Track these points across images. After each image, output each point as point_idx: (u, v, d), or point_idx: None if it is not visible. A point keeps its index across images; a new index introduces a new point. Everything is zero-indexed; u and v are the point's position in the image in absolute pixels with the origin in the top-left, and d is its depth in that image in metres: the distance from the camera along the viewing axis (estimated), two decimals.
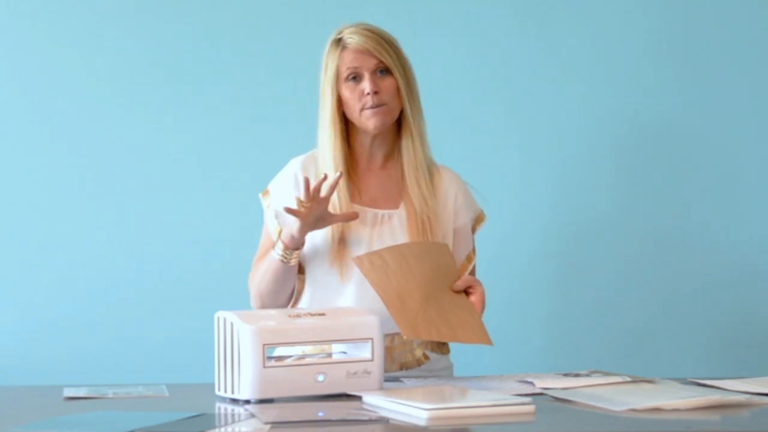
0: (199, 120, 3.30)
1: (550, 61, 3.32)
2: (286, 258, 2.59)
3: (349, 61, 2.63)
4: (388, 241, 2.63)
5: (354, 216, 2.58)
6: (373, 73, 2.63)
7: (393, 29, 2.71)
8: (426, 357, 2.67)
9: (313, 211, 2.51)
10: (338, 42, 2.65)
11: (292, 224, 2.55)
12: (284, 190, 2.69)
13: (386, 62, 2.63)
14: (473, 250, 2.76)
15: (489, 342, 2.48)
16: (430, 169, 2.71)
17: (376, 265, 2.44)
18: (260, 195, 2.73)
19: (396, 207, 2.67)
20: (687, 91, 3.33)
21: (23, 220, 3.27)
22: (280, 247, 2.59)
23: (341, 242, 2.63)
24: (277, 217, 2.68)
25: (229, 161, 3.28)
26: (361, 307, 2.51)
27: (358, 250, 2.62)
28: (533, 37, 3.32)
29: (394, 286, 2.43)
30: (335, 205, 2.62)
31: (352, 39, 2.63)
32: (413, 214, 2.65)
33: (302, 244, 2.59)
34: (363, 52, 2.63)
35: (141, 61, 3.29)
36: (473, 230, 2.76)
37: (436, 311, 2.46)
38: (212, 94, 3.29)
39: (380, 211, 2.67)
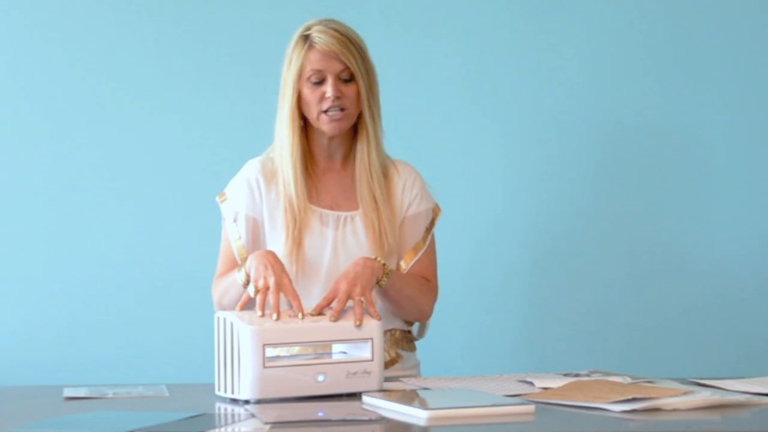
0: (199, 122, 3.30)
1: (535, 62, 3.32)
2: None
3: (314, 61, 2.60)
4: (351, 243, 2.63)
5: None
6: (337, 77, 2.60)
7: (388, 28, 2.70)
8: (398, 356, 2.68)
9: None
10: (305, 39, 2.62)
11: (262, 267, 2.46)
12: (243, 195, 2.67)
13: (352, 68, 2.59)
14: (423, 240, 2.71)
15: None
16: (386, 168, 2.69)
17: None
18: (217, 198, 2.72)
19: (356, 208, 2.66)
20: (674, 93, 3.34)
21: (23, 220, 3.27)
22: (243, 278, 2.51)
23: (300, 247, 2.61)
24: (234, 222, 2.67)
25: (229, 162, 3.27)
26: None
27: (323, 253, 2.62)
28: (518, 37, 3.32)
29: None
30: (294, 206, 2.61)
31: (319, 39, 2.60)
32: (367, 217, 2.64)
33: None
34: (329, 54, 2.59)
35: (144, 61, 3.29)
36: (431, 224, 2.73)
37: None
38: (213, 94, 3.29)
39: (342, 213, 2.65)
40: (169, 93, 3.29)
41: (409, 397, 2.16)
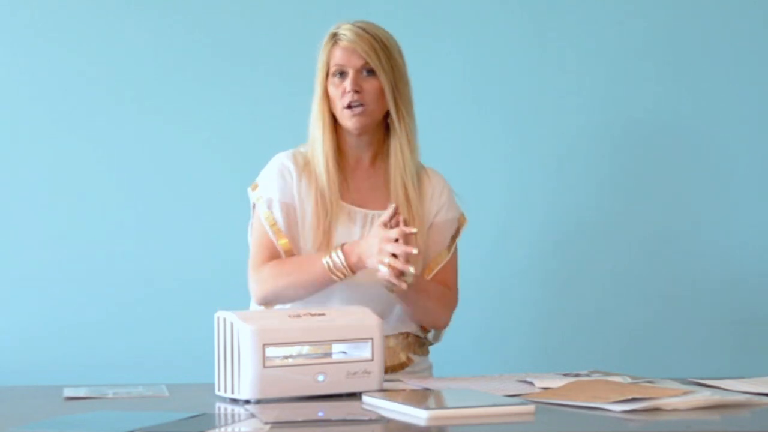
0: (200, 122, 3.30)
1: (544, 62, 3.32)
2: (340, 275, 2.56)
3: (337, 57, 2.64)
4: None
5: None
6: (358, 72, 2.63)
7: (390, 29, 2.71)
8: (410, 360, 2.68)
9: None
10: (333, 37, 2.66)
11: (368, 254, 2.50)
12: (277, 183, 2.69)
13: (372, 64, 2.62)
14: (448, 249, 2.74)
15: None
16: (419, 174, 2.72)
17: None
18: (249, 189, 2.73)
19: (385, 207, 2.66)
20: (683, 91, 3.34)
21: (23, 221, 3.27)
22: (340, 266, 2.54)
23: (329, 240, 2.63)
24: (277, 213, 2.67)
25: (231, 162, 3.28)
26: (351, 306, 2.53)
27: None
28: (527, 37, 3.32)
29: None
30: (326, 198, 2.63)
31: (344, 35, 2.64)
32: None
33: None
34: (351, 50, 2.63)
35: (151, 60, 3.29)
36: (457, 233, 2.76)
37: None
38: (215, 94, 3.30)
39: (370, 212, 2.67)
40: (171, 95, 3.29)
41: (409, 397, 2.16)
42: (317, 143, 2.67)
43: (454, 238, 2.75)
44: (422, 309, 2.66)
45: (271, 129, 3.27)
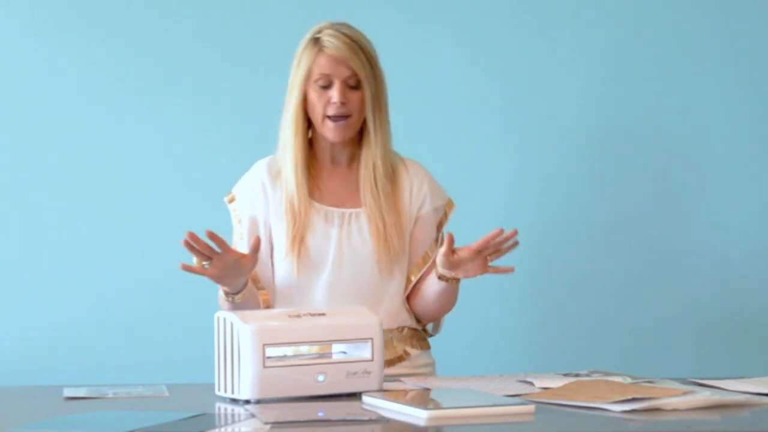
0: (200, 122, 3.30)
1: (545, 61, 3.32)
2: (229, 300, 2.58)
3: (323, 65, 2.61)
4: (357, 241, 2.64)
5: (256, 244, 2.48)
6: (344, 83, 2.61)
7: (389, 27, 2.71)
8: (406, 353, 2.68)
9: (218, 266, 2.47)
10: (316, 41, 2.63)
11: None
12: (249, 196, 2.70)
13: (359, 75, 2.60)
14: (435, 242, 2.73)
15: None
16: (395, 168, 2.70)
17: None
18: (225, 199, 2.74)
19: (363, 205, 2.67)
20: (685, 92, 3.33)
21: (24, 221, 3.27)
22: (221, 290, 2.58)
23: (302, 244, 2.63)
24: (240, 222, 2.70)
25: (232, 162, 3.27)
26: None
27: (326, 251, 2.63)
28: (528, 36, 3.32)
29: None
30: (294, 204, 2.62)
31: (330, 43, 2.60)
32: (371, 220, 2.65)
33: (243, 285, 2.57)
34: (338, 59, 2.60)
35: (154, 60, 3.29)
36: (446, 217, 2.74)
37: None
38: (214, 94, 3.29)
39: (347, 210, 2.66)
40: (171, 96, 3.29)
41: (409, 397, 2.16)
42: (288, 148, 2.66)
43: (439, 228, 2.73)
44: (453, 300, 2.69)
45: (272, 129, 3.27)
